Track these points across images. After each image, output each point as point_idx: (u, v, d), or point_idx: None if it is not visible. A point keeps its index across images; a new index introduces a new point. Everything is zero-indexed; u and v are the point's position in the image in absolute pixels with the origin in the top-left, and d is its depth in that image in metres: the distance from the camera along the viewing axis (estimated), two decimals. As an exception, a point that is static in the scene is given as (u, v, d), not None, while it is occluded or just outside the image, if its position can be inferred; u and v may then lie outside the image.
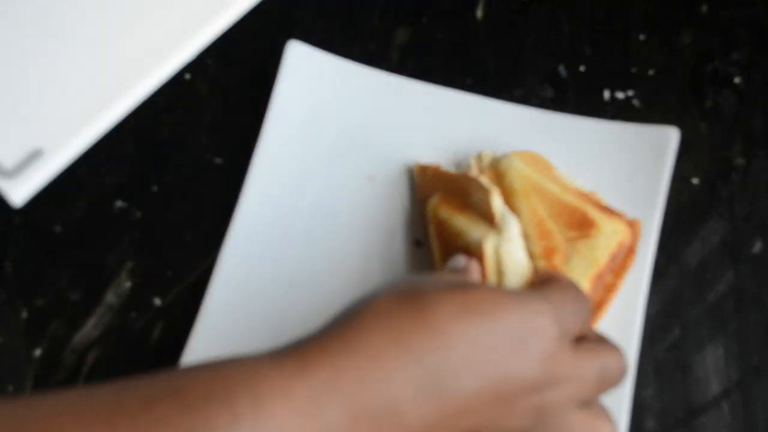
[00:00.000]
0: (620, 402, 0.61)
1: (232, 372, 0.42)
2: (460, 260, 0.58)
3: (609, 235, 0.64)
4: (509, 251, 0.61)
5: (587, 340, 0.51)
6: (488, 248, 0.61)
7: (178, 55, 0.63)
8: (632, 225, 0.65)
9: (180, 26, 0.63)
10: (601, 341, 0.53)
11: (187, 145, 0.74)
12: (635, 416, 0.65)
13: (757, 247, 0.70)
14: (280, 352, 0.43)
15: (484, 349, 0.43)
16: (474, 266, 0.58)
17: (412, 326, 0.42)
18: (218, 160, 0.74)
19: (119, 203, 0.72)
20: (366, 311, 0.44)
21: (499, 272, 0.61)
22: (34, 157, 0.59)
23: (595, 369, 0.48)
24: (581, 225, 0.64)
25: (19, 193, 0.58)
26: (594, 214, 0.65)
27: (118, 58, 0.61)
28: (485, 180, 0.64)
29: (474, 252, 0.61)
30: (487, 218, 0.63)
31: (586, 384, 0.47)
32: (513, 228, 0.62)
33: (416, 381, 0.41)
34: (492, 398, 0.43)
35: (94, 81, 0.61)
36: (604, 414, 0.50)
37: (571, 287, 0.52)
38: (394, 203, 0.70)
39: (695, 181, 0.73)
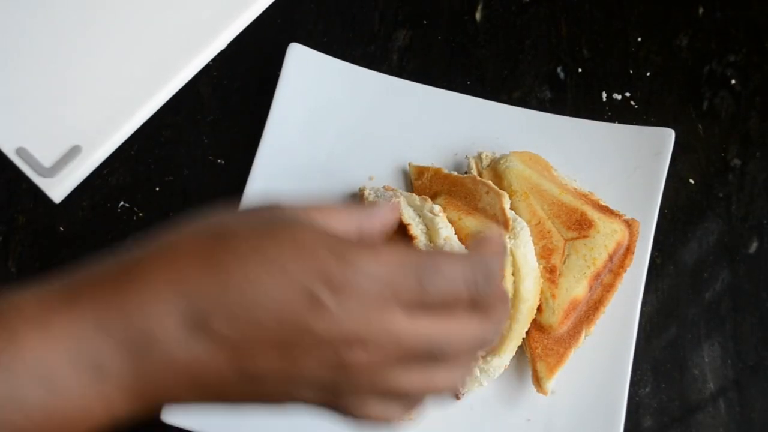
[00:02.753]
0: (618, 400, 0.62)
1: None
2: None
3: (607, 235, 0.65)
4: (524, 254, 0.62)
5: (460, 309, 0.41)
6: None
7: (206, 52, 0.63)
8: (630, 225, 0.65)
9: (206, 25, 0.64)
10: (474, 313, 0.41)
11: (190, 146, 0.75)
12: (632, 414, 0.65)
13: (754, 246, 0.71)
14: (54, 285, 0.41)
15: (262, 295, 0.38)
16: (387, 209, 0.47)
17: (195, 259, 0.39)
18: (220, 161, 0.75)
19: (122, 204, 0.73)
20: (160, 240, 0.40)
21: (513, 273, 0.62)
22: (71, 154, 0.59)
23: (420, 340, 0.39)
24: (580, 225, 0.65)
25: (58, 191, 0.59)
26: (592, 214, 0.65)
27: (149, 58, 0.62)
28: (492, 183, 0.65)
29: None
30: (497, 221, 0.64)
31: (406, 353, 0.39)
32: (526, 232, 0.63)
33: (181, 316, 0.38)
34: (270, 344, 0.38)
35: (128, 81, 0.62)
36: (426, 388, 0.42)
37: (449, 260, 0.41)
38: (394, 203, 0.71)
39: (692, 181, 0.73)
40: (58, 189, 0.58)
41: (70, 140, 0.60)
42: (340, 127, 0.73)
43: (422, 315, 0.40)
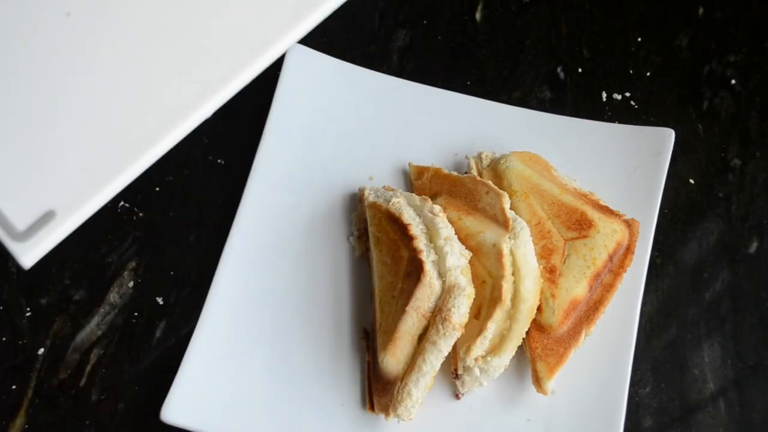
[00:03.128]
0: (617, 400, 0.62)
1: None
2: None
3: (607, 235, 0.65)
4: (524, 254, 0.62)
5: None
6: (505, 250, 0.62)
7: (190, 119, 0.62)
8: (630, 225, 0.65)
9: (183, 101, 0.63)
10: None
11: (190, 146, 0.75)
12: (632, 414, 0.65)
13: (754, 246, 0.71)
14: None
15: None
16: None
17: None
18: (220, 161, 0.75)
19: (122, 204, 0.73)
20: None
21: (514, 273, 0.62)
22: (45, 219, 0.58)
23: None
24: (580, 225, 0.65)
25: (30, 257, 0.57)
26: (592, 214, 0.65)
27: (131, 124, 0.60)
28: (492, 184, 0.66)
29: (487, 253, 0.62)
30: (497, 221, 0.64)
31: None
32: (526, 232, 0.63)
33: None
34: None
35: (108, 145, 0.60)
36: None
37: None
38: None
39: (692, 181, 0.73)
40: (29, 254, 0.56)
41: (46, 204, 0.58)
42: (340, 127, 0.73)
43: None
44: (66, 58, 0.63)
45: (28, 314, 0.69)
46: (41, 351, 0.68)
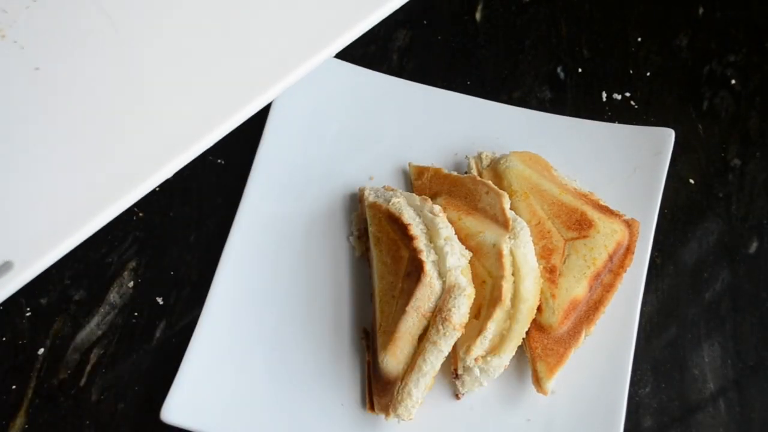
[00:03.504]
0: (617, 400, 0.62)
1: None
2: None
3: (607, 235, 0.65)
4: (524, 254, 0.62)
5: None
6: (505, 250, 0.62)
7: (161, 172, 0.59)
8: (630, 225, 0.65)
9: (151, 153, 0.59)
10: None
11: (189, 146, 0.75)
12: (632, 414, 0.65)
13: (753, 246, 0.71)
14: None
15: None
16: None
17: None
18: (220, 161, 0.75)
19: (122, 203, 0.73)
20: None
21: (514, 273, 0.62)
22: (2, 270, 0.56)
23: None
24: (580, 225, 0.65)
25: None
26: (592, 214, 0.65)
27: (96, 172, 0.57)
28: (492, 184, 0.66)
29: (487, 253, 0.62)
30: (497, 221, 0.64)
31: None
32: (526, 232, 0.63)
33: None
34: None
35: (69, 195, 0.57)
36: None
37: None
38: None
39: (692, 181, 0.73)
40: None
41: (2, 254, 0.57)
42: (340, 127, 0.73)
43: None
44: (33, 110, 0.60)
45: (28, 314, 0.69)
46: (41, 351, 0.68)
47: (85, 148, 0.59)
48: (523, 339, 0.62)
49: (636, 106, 0.76)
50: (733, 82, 0.76)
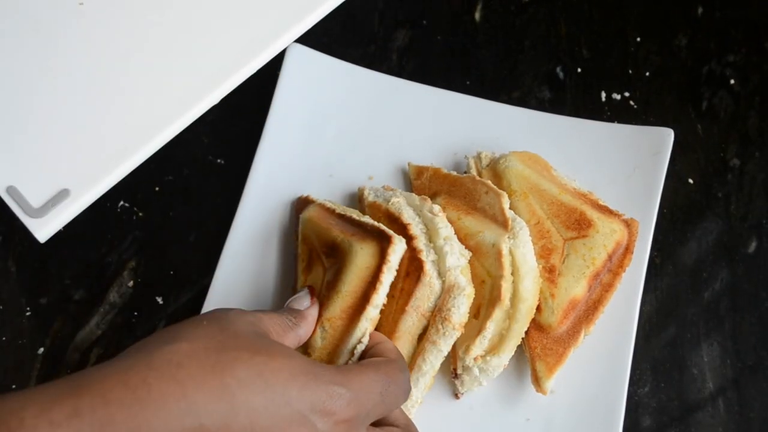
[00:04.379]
0: (617, 399, 0.62)
1: None
2: (304, 301, 0.59)
3: (606, 235, 0.65)
4: (523, 254, 0.62)
5: (390, 425, 0.53)
6: (505, 250, 0.62)
7: (200, 105, 0.65)
8: (630, 225, 0.66)
9: (203, 78, 0.66)
10: (407, 428, 0.53)
11: (189, 146, 0.75)
12: (631, 414, 0.65)
13: (753, 246, 0.71)
14: (54, 392, 0.41)
15: (266, 419, 0.43)
16: (312, 312, 0.58)
17: (203, 382, 0.42)
18: (220, 161, 0.75)
19: (122, 203, 0.73)
20: (160, 355, 0.43)
21: (513, 273, 0.62)
22: (59, 197, 0.61)
23: None
24: (579, 225, 0.65)
25: (44, 232, 0.61)
26: (592, 213, 0.65)
27: (144, 107, 0.64)
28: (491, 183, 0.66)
29: (486, 252, 0.63)
30: (496, 221, 0.64)
31: None
32: (526, 232, 0.63)
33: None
34: None
35: (121, 127, 0.63)
36: None
37: (392, 372, 0.52)
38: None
39: (691, 181, 0.73)
40: (44, 230, 0.60)
41: (60, 183, 0.62)
42: (340, 127, 0.73)
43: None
44: (82, 48, 0.66)
45: (28, 314, 0.69)
46: (41, 351, 0.68)
47: (132, 84, 0.67)
48: (523, 339, 0.63)
49: (635, 106, 0.76)
50: (732, 82, 0.76)
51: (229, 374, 0.43)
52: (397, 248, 0.60)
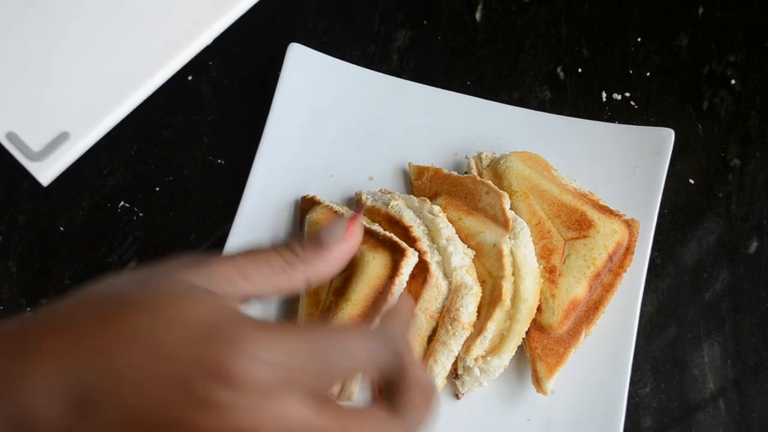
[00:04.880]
0: (617, 400, 0.62)
1: None
2: (336, 231, 0.45)
3: (607, 235, 0.65)
4: (524, 255, 0.62)
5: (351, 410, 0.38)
6: (506, 250, 0.62)
7: (195, 43, 0.65)
8: (630, 225, 0.66)
9: (197, 16, 0.66)
10: (358, 414, 0.38)
11: (189, 146, 0.75)
12: (632, 414, 0.65)
13: (753, 246, 0.71)
14: None
15: (149, 387, 0.36)
16: (343, 248, 0.44)
17: (85, 344, 0.37)
18: (220, 161, 0.75)
19: (122, 204, 0.73)
20: (53, 313, 0.39)
21: (514, 273, 0.62)
22: (60, 140, 0.61)
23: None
24: (580, 225, 0.65)
25: (47, 175, 0.61)
26: (592, 214, 0.65)
27: (139, 48, 0.65)
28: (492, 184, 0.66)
29: (487, 253, 0.62)
30: (497, 221, 0.64)
31: None
32: (526, 232, 0.63)
33: (64, 396, 0.36)
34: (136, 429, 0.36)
35: (116, 69, 0.64)
36: None
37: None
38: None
39: (692, 181, 0.73)
40: (46, 173, 0.61)
41: (59, 126, 0.62)
42: (340, 127, 0.73)
43: (327, 405, 0.37)
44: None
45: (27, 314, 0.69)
46: (41, 351, 0.68)
47: (125, 31, 0.68)
48: (523, 339, 0.62)
49: (636, 106, 0.76)
50: (733, 82, 0.76)
51: (111, 329, 0.37)
52: (410, 261, 0.60)
